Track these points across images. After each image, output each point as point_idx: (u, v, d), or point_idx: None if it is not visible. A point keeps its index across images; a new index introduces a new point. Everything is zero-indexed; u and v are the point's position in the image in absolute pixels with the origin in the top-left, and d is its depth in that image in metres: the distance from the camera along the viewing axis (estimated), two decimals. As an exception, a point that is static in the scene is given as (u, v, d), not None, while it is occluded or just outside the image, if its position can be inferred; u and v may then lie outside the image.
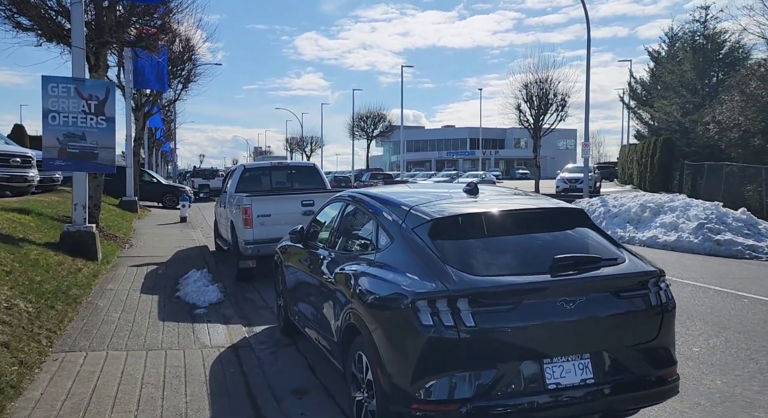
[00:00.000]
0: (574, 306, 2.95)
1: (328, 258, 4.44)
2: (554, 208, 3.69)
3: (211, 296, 7.41)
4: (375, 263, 3.54)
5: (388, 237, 3.59)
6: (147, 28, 11.65)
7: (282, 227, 8.40)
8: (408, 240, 3.37)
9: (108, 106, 9.21)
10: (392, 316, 3.08)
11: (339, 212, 4.61)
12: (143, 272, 9.00)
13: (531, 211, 3.60)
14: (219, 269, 9.73)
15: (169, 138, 47.43)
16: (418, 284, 3.02)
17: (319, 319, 4.49)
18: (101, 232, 11.43)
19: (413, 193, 4.49)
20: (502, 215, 3.41)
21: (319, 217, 5.29)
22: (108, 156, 9.25)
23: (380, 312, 3.19)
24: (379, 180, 35.87)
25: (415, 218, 3.47)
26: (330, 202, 5.09)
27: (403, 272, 3.19)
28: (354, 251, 4.08)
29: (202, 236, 14.08)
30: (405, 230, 3.45)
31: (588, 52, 21.01)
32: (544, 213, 3.62)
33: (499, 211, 3.43)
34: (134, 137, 20.95)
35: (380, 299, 3.22)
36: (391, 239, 3.53)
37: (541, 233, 3.41)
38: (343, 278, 3.81)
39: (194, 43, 22.07)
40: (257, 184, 10.39)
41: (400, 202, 3.77)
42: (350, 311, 3.57)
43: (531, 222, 3.47)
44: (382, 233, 3.68)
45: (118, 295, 7.26)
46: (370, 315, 3.26)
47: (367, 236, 3.95)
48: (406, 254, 3.31)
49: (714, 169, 23.93)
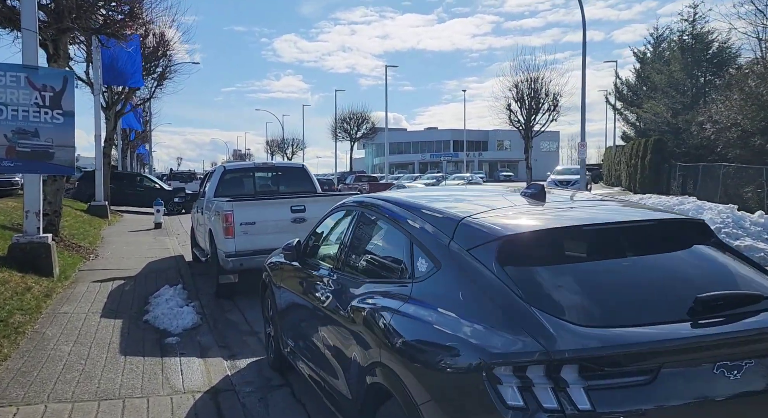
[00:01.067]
0: (740, 375, 1.94)
1: (336, 283, 3.38)
2: (672, 219, 2.62)
3: (186, 319, 6.27)
4: (413, 299, 2.49)
5: (429, 261, 2.55)
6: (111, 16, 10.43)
7: (268, 237, 7.31)
8: (464, 267, 2.33)
9: (66, 98, 8.00)
10: (452, 387, 2.04)
11: (349, 224, 3.54)
12: (107, 289, 7.81)
13: (643, 224, 2.55)
14: (196, 284, 8.58)
15: (144, 139, 45.73)
16: (494, 338, 1.98)
17: (324, 363, 3.43)
18: (62, 242, 10.18)
19: (447, 197, 3.45)
20: (605, 231, 2.38)
21: (320, 229, 4.22)
22: (66, 155, 8.04)
23: (431, 378, 2.14)
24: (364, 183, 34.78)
25: (471, 233, 2.43)
26: (335, 210, 4.03)
27: (464, 317, 2.15)
28: (375, 277, 3.03)
29: (178, 245, 12.86)
30: (456, 251, 2.41)
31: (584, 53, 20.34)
32: (659, 227, 2.56)
33: (601, 224, 2.40)
34: (105, 138, 19.61)
35: (431, 358, 2.17)
36: (436, 264, 2.49)
37: (659, 255, 2.39)
38: (365, 315, 2.76)
39: (169, 38, 20.82)
40: (239, 187, 9.25)
41: (444, 211, 2.73)
42: (377, 367, 2.52)
43: (644, 241, 2.44)
44: (420, 254, 2.63)
45: (72, 320, 6.07)
46: (414, 380, 2.21)
47: (395, 256, 2.90)
48: (464, 287, 2.27)
49: (710, 170, 23.40)
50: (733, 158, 21.41)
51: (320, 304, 3.53)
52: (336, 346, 3.21)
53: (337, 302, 3.25)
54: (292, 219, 7.44)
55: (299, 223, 7.45)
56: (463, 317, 2.16)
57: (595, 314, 2.02)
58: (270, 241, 7.30)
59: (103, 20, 10.32)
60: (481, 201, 3.05)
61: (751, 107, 18.83)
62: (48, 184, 10.49)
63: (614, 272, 2.25)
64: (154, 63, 21.18)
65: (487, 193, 3.42)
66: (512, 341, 1.93)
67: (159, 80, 22.10)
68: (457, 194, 3.53)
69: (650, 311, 2.04)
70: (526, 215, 2.61)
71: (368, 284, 3.00)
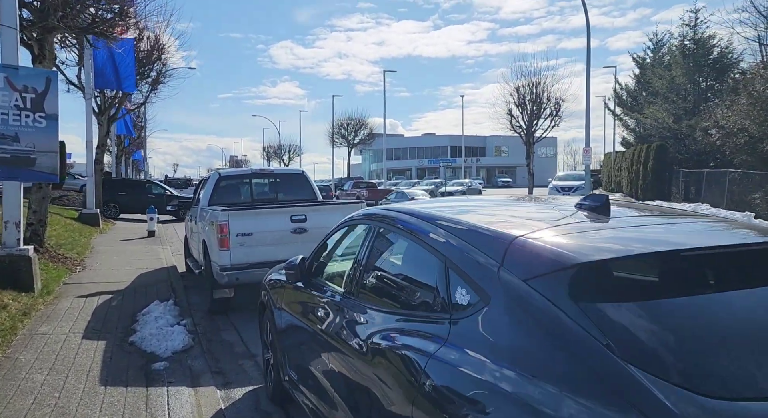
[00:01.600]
0: None
1: (349, 311, 2.85)
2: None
3: (176, 340, 5.72)
4: (453, 342, 1.97)
5: (471, 292, 2.02)
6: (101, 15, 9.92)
7: (267, 249, 6.78)
8: (523, 304, 1.80)
9: (49, 100, 7.47)
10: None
11: (364, 241, 3.01)
12: (92, 304, 7.25)
13: (750, 248, 1.98)
14: (189, 298, 8.03)
15: (140, 146, 45.16)
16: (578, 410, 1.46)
17: (333, 403, 2.90)
18: (47, 253, 9.61)
19: (481, 208, 2.95)
20: (719, 257, 1.85)
21: (328, 245, 3.69)
22: (48, 161, 7.49)
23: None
24: (362, 189, 34.29)
25: (529, 258, 1.91)
26: (345, 224, 3.50)
27: (531, 377, 1.61)
28: (400, 306, 2.50)
29: (171, 254, 12.30)
30: (510, 281, 1.89)
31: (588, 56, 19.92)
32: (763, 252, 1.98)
33: (714, 248, 1.86)
34: (98, 144, 19.06)
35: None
36: (482, 298, 1.96)
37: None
38: (390, 357, 2.24)
39: (163, 42, 20.34)
40: (235, 195, 8.72)
41: (486, 227, 2.21)
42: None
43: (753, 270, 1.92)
44: (459, 282, 2.11)
45: (50, 343, 5.51)
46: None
47: (425, 283, 2.38)
48: (526, 333, 1.75)
49: (715, 176, 22.99)
50: (739, 164, 21.01)
51: (329, 333, 3.00)
52: (349, 385, 2.68)
53: (350, 333, 2.72)
54: (292, 230, 6.91)
55: (300, 234, 6.92)
56: (529, 376, 1.63)
57: (727, 379, 1.48)
58: (268, 253, 6.78)
59: (92, 19, 9.80)
60: (526, 214, 2.53)
61: (759, 112, 18.43)
62: (33, 192, 9.95)
63: (740, 314, 1.71)
64: (149, 67, 20.69)
65: (528, 204, 2.89)
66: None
67: (153, 85, 21.58)
68: (491, 205, 3.01)
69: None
70: (597, 233, 2.09)
71: (391, 315, 2.48)
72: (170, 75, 22.13)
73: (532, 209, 2.76)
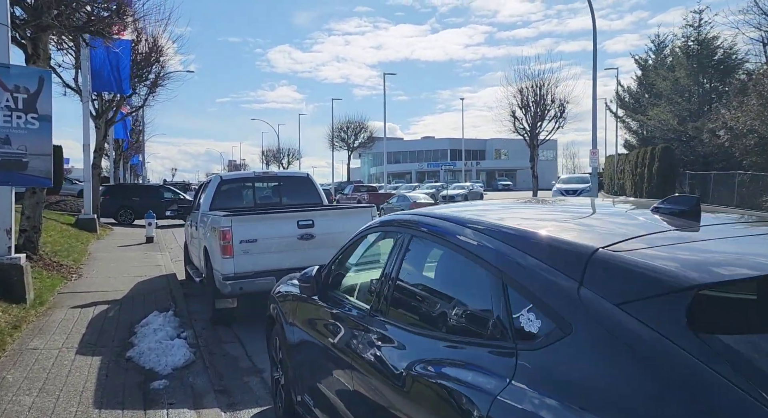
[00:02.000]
0: None
1: (377, 331, 2.47)
2: None
3: (177, 355, 5.33)
4: (524, 379, 1.59)
5: (544, 317, 1.65)
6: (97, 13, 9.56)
7: (272, 256, 6.41)
8: (621, 336, 1.42)
9: (42, 100, 7.10)
10: None
11: (394, 251, 2.62)
12: (88, 315, 6.86)
13: None
14: (189, 308, 7.64)
15: (138, 150, 44.78)
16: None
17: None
18: (41, 261, 9.23)
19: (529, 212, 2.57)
20: None
21: (349, 255, 3.30)
22: (42, 165, 7.12)
23: None
24: (363, 193, 33.90)
25: (620, 277, 1.54)
26: (369, 231, 3.10)
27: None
28: (445, 329, 2.12)
29: (170, 261, 11.91)
30: (596, 305, 1.51)
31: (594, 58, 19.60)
32: None
33: None
34: (95, 147, 18.69)
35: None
36: (559, 326, 1.59)
37: None
38: (438, 392, 1.86)
39: (161, 44, 19.99)
40: (237, 199, 8.33)
41: (556, 238, 1.84)
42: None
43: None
44: (524, 303, 1.73)
45: (41, 359, 5.12)
46: None
47: (477, 302, 2.01)
48: (626, 374, 1.37)
49: (723, 179, 22.67)
50: (748, 166, 20.68)
51: (352, 356, 2.62)
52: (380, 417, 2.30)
53: (381, 358, 2.34)
54: (299, 236, 6.53)
55: (307, 240, 6.54)
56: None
57: None
58: (274, 261, 6.40)
59: (88, 17, 9.44)
60: (594, 221, 2.16)
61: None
62: (26, 197, 9.57)
63: None
64: (147, 69, 20.33)
65: (584, 209, 2.51)
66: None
67: (152, 87, 21.22)
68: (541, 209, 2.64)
69: None
70: (702, 245, 1.71)
71: (434, 340, 2.10)
72: (169, 77, 21.78)
73: (599, 214, 2.37)
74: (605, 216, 2.32)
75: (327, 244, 6.64)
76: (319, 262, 6.68)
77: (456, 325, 2.07)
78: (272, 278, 6.41)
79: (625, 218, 2.21)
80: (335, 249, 6.69)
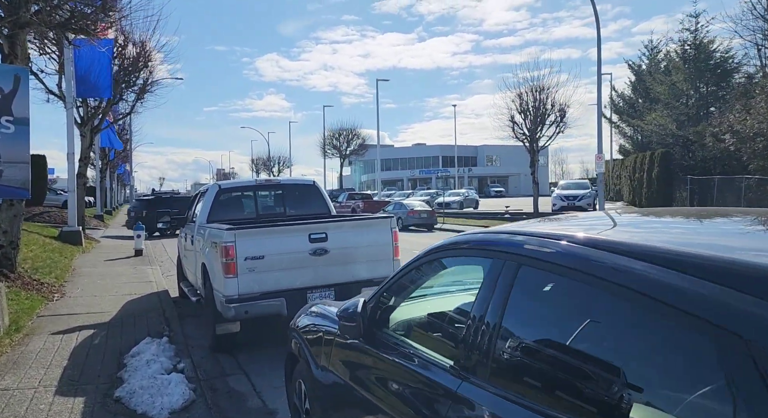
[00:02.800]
0: None
1: (478, 406, 1.75)
2: None
3: (174, 394, 4.56)
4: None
5: None
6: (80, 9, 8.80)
7: (281, 274, 5.67)
8: None
9: (18, 102, 6.34)
10: None
11: (489, 285, 1.89)
12: (70, 344, 6.06)
13: None
14: (185, 331, 6.88)
15: (125, 159, 43.75)
16: None
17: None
18: (19, 279, 8.40)
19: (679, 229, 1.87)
20: None
21: (408, 286, 2.55)
22: (18, 174, 6.36)
23: None
24: (357, 200, 33.11)
25: None
26: (442, 253, 2.32)
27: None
28: (589, 410, 1.40)
29: (162, 276, 11.10)
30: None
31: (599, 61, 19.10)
32: None
33: None
34: (80, 156, 17.84)
35: None
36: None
37: None
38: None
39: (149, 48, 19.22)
40: (238, 210, 7.59)
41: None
42: None
43: None
44: (737, 378, 1.03)
45: (13, 403, 4.32)
46: None
47: (686, 387, 1.29)
48: None
49: (729, 183, 22.23)
50: (754, 170, 20.25)
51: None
52: None
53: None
54: (311, 251, 5.79)
55: (320, 255, 5.81)
56: None
57: None
58: (283, 280, 5.67)
59: (71, 14, 8.67)
60: (750, 241, 1.49)
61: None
62: (3, 210, 8.72)
63: None
64: (135, 75, 19.54)
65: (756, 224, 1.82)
66: None
67: (140, 94, 20.42)
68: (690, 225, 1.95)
69: None
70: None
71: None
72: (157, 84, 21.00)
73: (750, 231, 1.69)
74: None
75: (342, 260, 5.93)
76: (334, 280, 6.03)
77: (607, 400, 1.34)
78: (281, 300, 5.68)
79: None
80: (351, 265, 6.06)
